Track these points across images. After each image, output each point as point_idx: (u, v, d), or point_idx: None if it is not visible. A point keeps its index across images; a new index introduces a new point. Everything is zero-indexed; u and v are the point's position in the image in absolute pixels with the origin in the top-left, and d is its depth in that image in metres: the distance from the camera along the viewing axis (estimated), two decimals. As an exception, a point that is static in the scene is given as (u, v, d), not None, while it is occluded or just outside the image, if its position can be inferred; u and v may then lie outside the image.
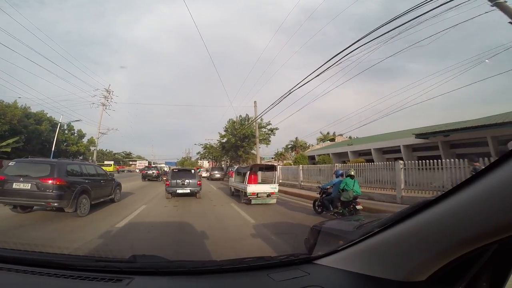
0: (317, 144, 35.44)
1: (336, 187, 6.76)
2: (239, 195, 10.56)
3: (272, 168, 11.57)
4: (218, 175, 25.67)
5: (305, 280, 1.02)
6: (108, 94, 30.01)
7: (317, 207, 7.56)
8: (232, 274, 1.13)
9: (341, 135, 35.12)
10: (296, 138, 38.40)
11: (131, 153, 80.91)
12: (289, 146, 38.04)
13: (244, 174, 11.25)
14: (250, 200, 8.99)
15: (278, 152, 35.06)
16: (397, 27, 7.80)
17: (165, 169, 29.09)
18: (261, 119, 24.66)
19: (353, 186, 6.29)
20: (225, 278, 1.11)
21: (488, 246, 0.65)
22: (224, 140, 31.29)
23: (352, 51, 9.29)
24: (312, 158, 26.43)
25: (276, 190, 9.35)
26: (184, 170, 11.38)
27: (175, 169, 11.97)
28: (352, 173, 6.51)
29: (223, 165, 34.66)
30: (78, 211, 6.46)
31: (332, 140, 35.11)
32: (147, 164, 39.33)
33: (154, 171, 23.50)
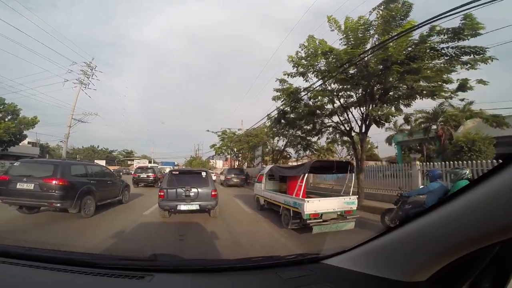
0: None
1: (435, 195, 4.56)
2: (272, 209, 7.14)
3: (345, 167, 6.68)
4: (236, 180, 19.52)
5: (312, 278, 1.09)
6: (89, 70, 23.14)
7: (389, 221, 5.43)
8: (243, 272, 1.23)
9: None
10: (440, 104, 16.46)
11: (132, 152, 74.92)
12: (417, 119, 19.43)
13: (285, 179, 7.53)
14: (311, 227, 5.23)
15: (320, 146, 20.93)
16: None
17: (166, 171, 24.76)
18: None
19: None
20: (237, 275, 1.20)
21: (489, 248, 0.66)
22: (288, 92, 11.39)
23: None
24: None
25: (355, 207, 5.72)
26: (189, 172, 7.61)
27: (175, 171, 7.59)
28: (470, 174, 4.38)
29: (244, 166, 27.77)
30: (82, 212, 6.42)
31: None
32: (147, 164, 32.08)
33: (150, 173, 17.87)
